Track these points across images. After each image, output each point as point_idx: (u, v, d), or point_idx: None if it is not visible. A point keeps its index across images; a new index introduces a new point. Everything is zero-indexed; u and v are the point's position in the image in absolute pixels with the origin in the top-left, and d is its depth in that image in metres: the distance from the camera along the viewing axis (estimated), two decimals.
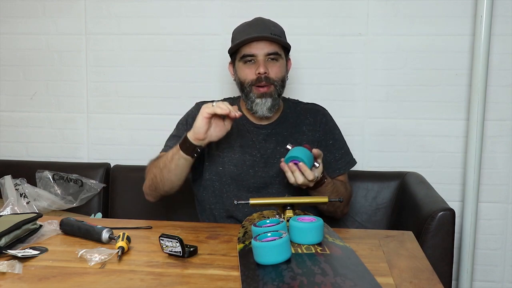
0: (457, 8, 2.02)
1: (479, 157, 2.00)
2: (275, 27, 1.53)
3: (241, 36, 1.49)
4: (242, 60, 1.50)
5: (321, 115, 1.63)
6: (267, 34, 1.47)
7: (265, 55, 1.48)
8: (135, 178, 2.09)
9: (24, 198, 1.91)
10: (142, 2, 2.18)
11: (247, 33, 1.49)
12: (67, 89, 2.26)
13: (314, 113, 1.63)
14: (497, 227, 2.10)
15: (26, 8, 2.24)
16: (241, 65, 1.51)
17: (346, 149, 1.65)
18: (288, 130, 1.58)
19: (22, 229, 1.17)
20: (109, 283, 0.96)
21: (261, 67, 1.47)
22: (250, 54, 1.48)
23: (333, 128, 1.64)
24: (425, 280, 0.97)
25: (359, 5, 2.07)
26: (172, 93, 2.19)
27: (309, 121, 1.61)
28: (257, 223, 1.06)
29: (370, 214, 1.95)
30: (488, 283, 2.13)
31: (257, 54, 1.48)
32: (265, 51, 1.48)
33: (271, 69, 1.49)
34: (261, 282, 0.88)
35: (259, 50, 1.48)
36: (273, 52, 1.49)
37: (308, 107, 1.66)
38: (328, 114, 1.66)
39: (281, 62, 1.52)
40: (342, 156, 1.62)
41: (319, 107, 1.67)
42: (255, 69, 1.48)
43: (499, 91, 2.04)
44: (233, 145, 1.54)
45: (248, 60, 1.49)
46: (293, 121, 1.60)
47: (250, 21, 1.56)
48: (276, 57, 1.50)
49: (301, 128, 1.59)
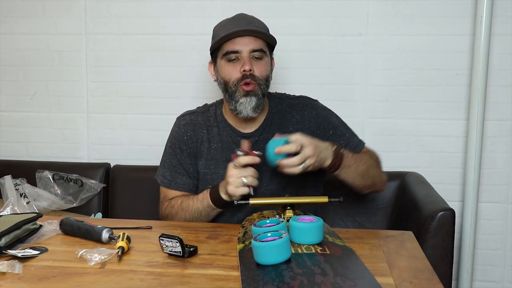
0: (457, 8, 2.02)
1: (479, 157, 2.00)
2: (259, 23, 1.47)
3: (223, 32, 1.42)
4: (225, 58, 1.43)
5: (309, 109, 1.53)
6: (252, 28, 1.41)
7: (250, 51, 1.41)
8: (135, 178, 2.10)
9: (24, 198, 1.91)
10: (142, 2, 2.18)
11: (230, 28, 1.41)
12: (67, 89, 2.26)
13: (301, 109, 1.53)
14: (497, 227, 2.10)
15: (26, 8, 2.24)
16: (224, 63, 1.44)
17: (351, 133, 1.55)
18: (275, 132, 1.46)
19: (22, 229, 1.17)
20: (109, 283, 0.96)
21: (246, 64, 1.40)
22: (234, 50, 1.41)
23: (328, 117, 1.54)
24: (425, 280, 0.97)
25: (359, 5, 2.07)
26: (172, 93, 2.19)
27: (295, 119, 1.52)
28: (257, 223, 1.06)
29: (370, 214, 1.95)
30: (488, 283, 2.13)
31: (242, 51, 1.41)
32: (250, 47, 1.41)
33: (256, 67, 1.41)
34: (261, 282, 0.88)
35: (244, 46, 1.40)
36: (258, 48, 1.42)
37: (294, 102, 1.56)
38: (318, 105, 1.56)
39: (265, 60, 1.45)
40: (348, 141, 1.51)
41: (306, 100, 1.57)
42: (239, 67, 1.41)
43: (499, 91, 2.04)
44: (219, 160, 1.49)
45: (232, 58, 1.42)
46: (279, 122, 1.52)
47: (232, 16, 1.49)
48: (261, 54, 1.43)
49: (287, 128, 1.50)
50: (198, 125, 1.55)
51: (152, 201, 2.06)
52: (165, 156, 1.58)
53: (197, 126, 1.55)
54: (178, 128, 1.57)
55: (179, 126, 1.57)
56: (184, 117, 1.58)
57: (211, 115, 1.56)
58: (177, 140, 1.55)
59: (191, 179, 1.53)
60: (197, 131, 1.54)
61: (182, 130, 1.55)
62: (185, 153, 1.53)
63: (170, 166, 1.55)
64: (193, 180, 1.53)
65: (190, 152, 1.53)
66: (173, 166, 1.54)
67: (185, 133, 1.54)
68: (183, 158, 1.53)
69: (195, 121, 1.56)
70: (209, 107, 1.60)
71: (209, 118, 1.56)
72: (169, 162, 1.56)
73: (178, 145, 1.54)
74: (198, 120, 1.56)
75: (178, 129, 1.57)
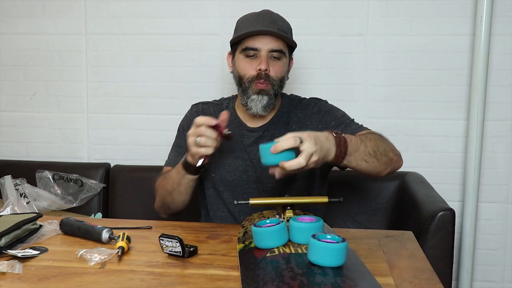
0: (457, 8, 2.02)
1: (479, 157, 2.00)
2: (283, 23, 1.46)
3: (246, 27, 1.42)
4: (244, 53, 1.43)
5: (312, 106, 1.54)
6: (274, 29, 1.40)
7: (269, 51, 1.41)
8: (135, 178, 2.11)
9: (24, 198, 1.91)
10: (142, 2, 2.18)
11: (253, 25, 1.41)
12: (67, 89, 2.26)
13: (305, 108, 1.54)
14: (497, 227, 2.11)
15: (26, 8, 2.24)
16: (242, 57, 1.44)
17: (351, 120, 1.49)
18: (281, 131, 1.51)
19: (22, 229, 1.17)
20: (109, 283, 0.96)
21: (263, 64, 1.40)
22: (253, 47, 1.41)
23: (329, 111, 1.52)
24: (425, 280, 0.97)
25: (359, 5, 2.07)
26: (172, 93, 2.20)
27: (297, 118, 1.53)
28: (257, 223, 1.06)
29: (370, 214, 1.95)
30: (488, 283, 2.13)
31: (261, 49, 1.41)
32: (270, 46, 1.40)
33: (272, 67, 1.42)
34: (261, 282, 0.88)
35: (263, 45, 1.40)
36: (277, 49, 1.41)
37: (302, 102, 1.57)
38: (322, 103, 1.55)
39: (283, 61, 1.45)
40: (348, 125, 1.45)
41: (312, 100, 1.57)
42: (256, 65, 1.41)
43: (499, 91, 2.04)
44: (224, 150, 1.49)
45: (250, 54, 1.42)
46: (285, 121, 1.53)
47: (258, 12, 1.48)
48: (280, 55, 1.42)
49: (291, 127, 1.51)
50: (208, 115, 1.56)
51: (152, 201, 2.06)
52: (176, 139, 1.60)
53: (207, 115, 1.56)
54: (190, 113, 1.60)
55: (191, 112, 1.61)
56: (198, 105, 1.62)
57: (223, 108, 1.59)
58: (186, 123, 1.56)
59: None
60: None
61: (193, 115, 1.57)
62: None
63: (175, 147, 1.58)
64: None
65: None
66: (178, 146, 1.56)
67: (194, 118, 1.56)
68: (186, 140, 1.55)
69: (207, 110, 1.59)
70: (223, 101, 1.63)
71: (220, 110, 1.58)
72: (175, 144, 1.58)
73: (187, 127, 1.55)
74: (210, 110, 1.59)
75: (189, 114, 1.61)
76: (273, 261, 0.96)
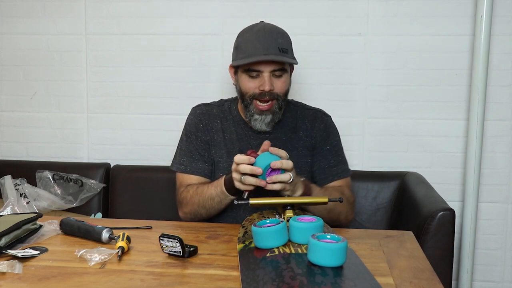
0: (457, 8, 2.02)
1: (479, 157, 2.00)
2: (282, 39, 1.47)
3: (247, 49, 1.44)
4: (247, 73, 1.46)
5: (319, 121, 1.59)
6: (275, 53, 1.42)
7: (271, 71, 1.44)
8: (135, 178, 2.10)
9: (24, 198, 1.91)
10: (142, 2, 2.18)
11: (255, 46, 1.43)
12: (67, 89, 2.26)
13: (313, 119, 1.59)
14: (497, 227, 2.11)
15: (26, 8, 2.24)
16: (245, 76, 1.47)
17: (343, 158, 1.60)
18: (286, 135, 1.56)
19: (22, 229, 1.17)
20: (109, 283, 0.96)
21: (266, 85, 1.43)
22: (256, 69, 1.44)
23: (332, 134, 1.60)
24: (425, 280, 0.97)
25: (359, 5, 2.07)
26: (172, 93, 2.19)
27: (305, 127, 1.58)
28: (257, 223, 1.06)
29: (370, 214, 1.95)
30: (488, 283, 2.13)
31: (263, 70, 1.44)
32: (272, 67, 1.43)
33: (275, 84, 1.45)
34: (261, 282, 0.88)
35: (266, 67, 1.43)
36: (279, 68, 1.45)
37: (309, 113, 1.61)
38: (328, 120, 1.62)
39: (286, 76, 1.48)
40: (338, 163, 1.57)
41: (320, 113, 1.62)
42: (259, 84, 1.44)
43: (499, 91, 2.04)
44: (233, 150, 1.52)
45: (253, 75, 1.45)
46: (292, 126, 1.57)
47: (257, 30, 1.47)
48: (281, 72, 1.46)
49: (298, 133, 1.56)
50: (212, 116, 1.59)
51: (152, 201, 2.06)
52: (181, 144, 1.60)
53: (212, 116, 1.59)
54: (194, 116, 1.60)
55: (195, 114, 1.60)
56: (200, 107, 1.62)
57: (226, 109, 1.60)
58: (193, 127, 1.57)
59: (206, 164, 1.55)
60: (211, 120, 1.58)
61: (198, 118, 1.58)
62: (200, 140, 1.56)
63: (186, 152, 1.57)
64: (208, 165, 1.55)
65: (204, 139, 1.56)
66: (189, 152, 1.56)
67: (201, 121, 1.58)
68: (198, 144, 1.56)
69: (210, 112, 1.60)
70: (224, 102, 1.64)
71: (223, 111, 1.60)
72: (185, 149, 1.58)
73: (194, 131, 1.57)
74: (213, 112, 1.60)
75: (193, 117, 1.60)
76: (273, 261, 0.96)
